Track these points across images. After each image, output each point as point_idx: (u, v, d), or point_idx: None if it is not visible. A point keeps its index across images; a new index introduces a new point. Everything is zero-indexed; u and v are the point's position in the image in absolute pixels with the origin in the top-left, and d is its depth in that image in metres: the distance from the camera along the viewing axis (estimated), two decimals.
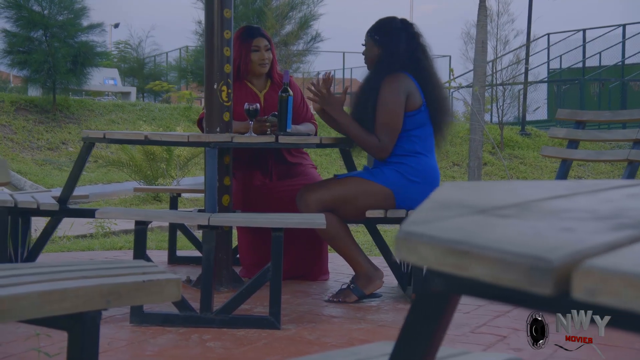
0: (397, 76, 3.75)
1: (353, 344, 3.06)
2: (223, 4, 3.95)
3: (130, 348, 2.95)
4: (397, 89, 3.73)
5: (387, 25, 3.87)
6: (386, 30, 3.83)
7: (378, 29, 3.86)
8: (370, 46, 3.87)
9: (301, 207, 3.77)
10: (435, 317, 1.02)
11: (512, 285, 0.67)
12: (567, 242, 0.71)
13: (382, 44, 3.82)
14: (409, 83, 3.77)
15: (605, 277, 0.62)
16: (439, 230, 0.75)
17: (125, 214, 3.37)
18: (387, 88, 3.73)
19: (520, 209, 0.88)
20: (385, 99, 3.73)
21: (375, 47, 3.84)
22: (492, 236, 0.72)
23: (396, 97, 3.73)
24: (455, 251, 0.71)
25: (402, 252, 0.76)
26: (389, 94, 3.73)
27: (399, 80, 3.75)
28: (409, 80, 3.77)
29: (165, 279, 1.79)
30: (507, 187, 1.13)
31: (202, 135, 3.68)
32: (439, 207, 0.89)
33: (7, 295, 1.55)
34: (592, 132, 4.63)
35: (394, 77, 3.75)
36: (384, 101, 3.73)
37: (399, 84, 3.74)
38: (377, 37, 3.84)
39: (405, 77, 3.77)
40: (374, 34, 3.85)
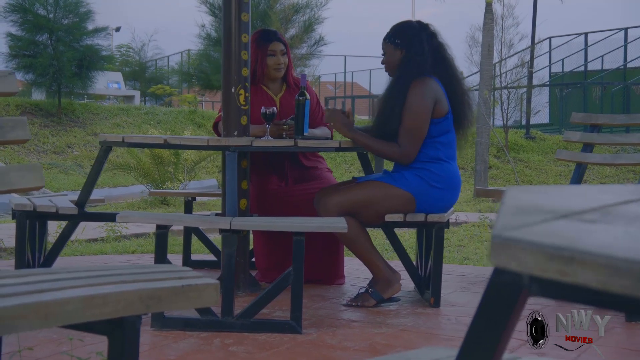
0: (425, 81, 3.72)
1: (375, 348, 3.05)
2: (241, 7, 3.95)
3: (153, 353, 2.94)
4: (425, 95, 3.70)
5: (405, 28, 3.85)
6: (405, 32, 3.82)
7: (396, 33, 3.84)
8: (391, 51, 3.83)
9: (320, 210, 3.75)
10: (504, 320, 1.01)
11: (622, 291, 0.67)
12: None
13: (403, 47, 3.80)
14: (437, 89, 3.74)
15: None
16: (538, 236, 0.74)
17: (146, 218, 3.36)
18: (415, 93, 3.71)
19: (602, 214, 0.88)
20: (413, 105, 3.70)
21: (397, 51, 3.82)
22: (595, 242, 0.72)
23: (424, 102, 3.70)
24: (560, 257, 0.70)
25: (500, 257, 0.75)
26: (417, 100, 3.70)
27: (428, 86, 3.72)
28: (436, 86, 3.75)
29: (204, 284, 1.79)
30: (573, 191, 1.12)
31: (221, 139, 3.67)
32: (519, 213, 0.88)
33: (52, 300, 1.54)
34: (606, 136, 4.63)
35: (422, 82, 3.72)
36: (411, 106, 3.71)
37: (427, 90, 3.71)
38: (397, 40, 3.81)
39: (433, 83, 3.74)
40: (394, 39, 3.83)
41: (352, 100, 24.98)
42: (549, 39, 21.12)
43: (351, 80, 29.05)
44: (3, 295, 1.54)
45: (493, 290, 0.98)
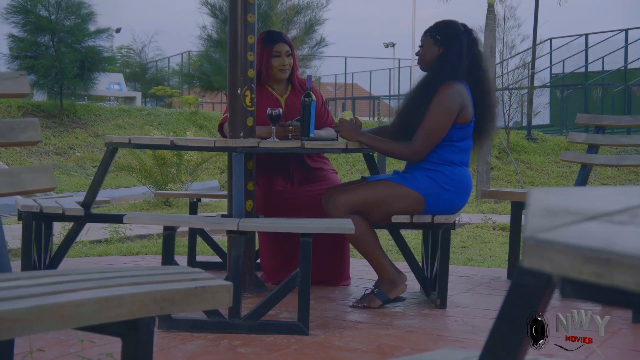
0: (455, 85, 3.69)
1: (383, 349, 3.05)
2: (247, 8, 3.95)
3: (160, 354, 2.94)
4: (453, 99, 3.67)
5: (449, 26, 3.82)
6: (448, 31, 3.78)
7: (439, 29, 3.80)
8: (430, 46, 3.79)
9: (329, 209, 3.75)
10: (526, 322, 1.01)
11: None
12: None
13: (443, 44, 3.76)
14: (465, 95, 3.71)
15: None
16: (572, 238, 0.74)
17: (153, 220, 3.36)
18: (443, 95, 3.67)
19: (631, 216, 0.88)
20: (438, 106, 3.67)
21: (435, 47, 3.77)
22: (630, 243, 0.72)
23: (450, 106, 3.67)
24: (596, 259, 0.70)
25: (534, 259, 0.75)
26: (443, 102, 3.67)
27: (457, 90, 3.68)
28: (465, 92, 3.71)
29: (217, 285, 1.79)
30: (595, 193, 1.12)
31: (228, 141, 3.67)
32: (547, 214, 0.88)
33: (67, 301, 1.54)
34: (612, 137, 4.63)
35: (453, 86, 3.68)
36: (436, 107, 3.67)
37: (455, 94, 3.67)
38: (438, 37, 3.77)
39: (462, 88, 3.71)
40: (435, 34, 3.79)
41: (352, 101, 24.99)
42: (550, 40, 21.13)
43: (351, 82, 29.06)
44: (18, 297, 1.54)
45: (516, 292, 0.98)
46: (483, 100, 3.80)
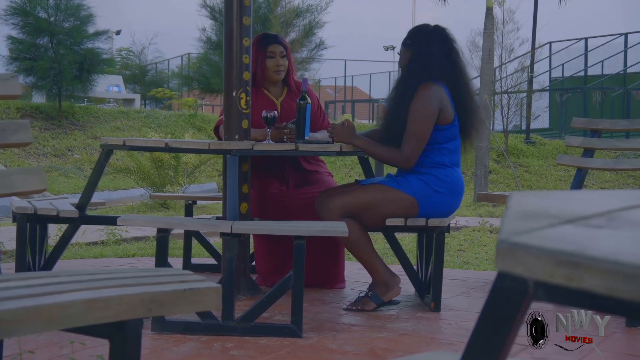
0: (430, 87, 3.70)
1: (375, 352, 3.05)
2: (242, 11, 3.95)
3: (153, 356, 2.94)
4: (430, 101, 3.69)
5: (417, 29, 3.85)
6: (417, 34, 3.81)
7: (409, 34, 3.84)
8: (403, 52, 3.84)
9: (323, 212, 3.75)
10: (508, 325, 1.01)
11: (629, 297, 0.67)
12: None
13: (412, 48, 3.79)
14: (442, 95, 3.72)
15: None
16: (545, 241, 0.74)
17: (146, 222, 3.36)
18: (420, 99, 3.69)
19: (608, 220, 0.88)
20: (417, 110, 3.69)
21: (407, 52, 3.81)
22: (601, 247, 0.72)
23: (428, 109, 3.68)
24: (567, 262, 0.70)
25: (507, 262, 0.75)
26: (421, 105, 3.68)
27: (432, 92, 3.70)
28: (442, 92, 3.73)
29: (206, 287, 1.79)
30: (579, 196, 1.12)
31: (223, 143, 3.67)
32: (525, 217, 0.88)
33: (54, 303, 1.54)
34: (608, 141, 4.63)
35: (427, 88, 3.70)
36: (416, 111, 3.69)
37: (432, 96, 3.69)
38: (408, 41, 3.81)
39: (438, 88, 3.72)
40: (406, 40, 3.83)
41: (352, 104, 25.00)
42: (549, 43, 21.14)
43: (351, 85, 29.07)
44: (5, 298, 1.54)
45: (496, 296, 0.98)
46: (462, 96, 3.80)
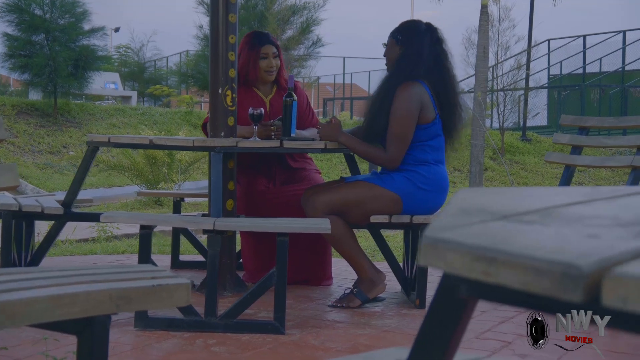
0: (411, 86, 3.70)
1: (358, 349, 3.06)
2: (228, 8, 3.95)
3: (135, 353, 2.94)
4: (410, 100, 3.69)
5: (410, 26, 3.84)
6: (410, 31, 3.80)
7: (401, 29, 3.82)
8: (392, 45, 3.82)
9: (308, 209, 3.76)
10: (453, 322, 1.01)
11: (542, 292, 0.67)
12: (594, 249, 0.70)
13: (404, 44, 3.78)
14: (422, 94, 3.72)
15: (638, 285, 0.62)
16: (466, 237, 0.75)
17: (130, 219, 3.36)
18: (401, 99, 3.69)
19: (542, 215, 0.88)
20: (398, 110, 3.69)
21: (396, 47, 3.80)
22: (519, 243, 0.72)
23: (409, 108, 3.68)
24: (484, 258, 0.71)
25: (429, 258, 0.76)
26: (402, 105, 3.69)
27: (413, 91, 3.70)
28: (422, 91, 3.73)
29: (175, 284, 1.79)
30: (527, 193, 1.13)
31: (207, 140, 3.68)
32: (460, 213, 0.88)
33: (19, 299, 1.54)
34: (596, 138, 4.64)
35: (409, 88, 3.70)
36: (397, 112, 3.69)
37: (412, 95, 3.69)
38: (399, 37, 3.80)
39: (419, 88, 3.72)
40: (397, 34, 3.81)
41: (351, 101, 25.00)
42: (548, 41, 21.14)
43: (350, 82, 29.07)
44: None
45: (442, 293, 0.99)
46: (447, 99, 3.80)
